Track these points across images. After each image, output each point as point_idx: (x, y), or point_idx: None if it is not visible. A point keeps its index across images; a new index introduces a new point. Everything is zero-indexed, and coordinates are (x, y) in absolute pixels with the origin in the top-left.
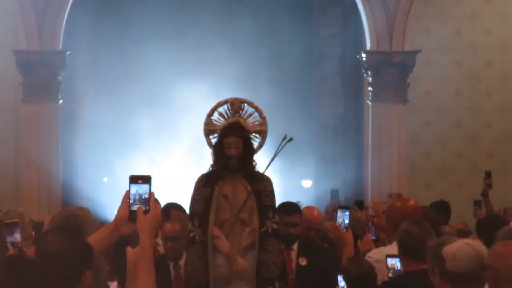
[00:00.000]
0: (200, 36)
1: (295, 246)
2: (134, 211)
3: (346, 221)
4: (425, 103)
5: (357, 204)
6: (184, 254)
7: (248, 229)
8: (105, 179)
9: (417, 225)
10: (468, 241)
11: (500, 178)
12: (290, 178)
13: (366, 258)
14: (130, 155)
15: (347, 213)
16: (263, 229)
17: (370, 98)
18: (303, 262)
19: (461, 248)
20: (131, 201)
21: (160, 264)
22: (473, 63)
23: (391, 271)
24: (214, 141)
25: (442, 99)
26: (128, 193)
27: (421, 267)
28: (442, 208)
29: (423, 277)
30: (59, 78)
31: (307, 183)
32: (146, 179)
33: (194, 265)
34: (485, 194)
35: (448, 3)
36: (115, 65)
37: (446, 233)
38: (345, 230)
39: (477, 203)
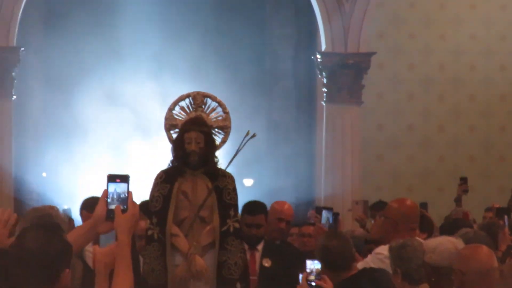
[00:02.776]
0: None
1: (260, 247)
2: (112, 210)
3: (331, 221)
4: (378, 105)
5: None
6: None
7: (208, 228)
8: (44, 174)
9: (334, 238)
10: (450, 238)
11: (451, 182)
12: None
13: (375, 255)
14: (81, 151)
15: (331, 213)
16: (224, 228)
17: (324, 99)
18: (267, 263)
19: (442, 243)
20: (109, 200)
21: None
22: (426, 66)
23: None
24: (175, 136)
25: (395, 102)
26: (106, 192)
27: (348, 274)
28: (380, 209)
29: (356, 282)
30: (13, 74)
31: (248, 182)
32: (124, 178)
33: (152, 264)
34: (459, 199)
35: (402, 7)
36: (68, 62)
37: None
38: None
39: (422, 205)
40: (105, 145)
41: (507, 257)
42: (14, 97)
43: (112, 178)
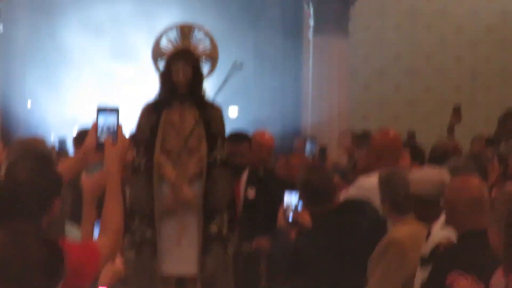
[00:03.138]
0: None
1: (244, 177)
2: (102, 142)
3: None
4: (364, 36)
5: (321, 152)
6: None
7: (195, 157)
8: (29, 104)
9: (314, 172)
10: (435, 169)
11: (437, 111)
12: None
13: (356, 186)
14: (67, 80)
15: (314, 144)
16: (211, 158)
17: (311, 31)
18: (251, 195)
19: (428, 174)
20: (98, 132)
21: None
22: None
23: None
24: (162, 67)
25: (381, 33)
26: (96, 124)
27: (329, 208)
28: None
29: (337, 214)
30: None
31: (234, 110)
32: (114, 111)
33: (139, 194)
34: (451, 129)
35: None
36: None
37: None
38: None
39: (410, 134)
40: (91, 74)
41: (496, 187)
42: (0, 27)
43: (102, 110)
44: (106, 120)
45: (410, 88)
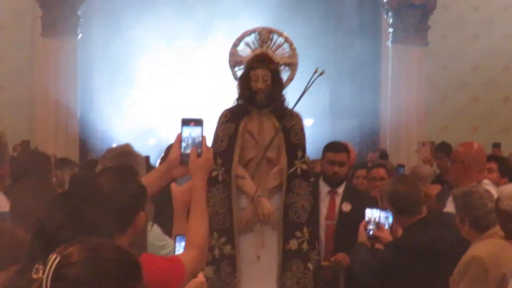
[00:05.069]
0: None
1: (340, 190)
2: (187, 154)
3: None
4: (443, 46)
5: (382, 156)
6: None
7: (275, 169)
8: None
9: (402, 183)
10: None
11: None
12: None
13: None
14: (144, 92)
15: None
16: (291, 170)
17: (390, 40)
18: (347, 208)
19: None
20: (183, 144)
21: None
22: (491, 8)
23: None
24: (240, 73)
25: (460, 43)
26: (180, 136)
27: (416, 218)
28: (445, 150)
29: (424, 226)
30: (78, 13)
31: (308, 122)
32: (198, 122)
33: (216, 206)
34: None
35: None
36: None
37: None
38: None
39: (496, 145)
40: (168, 83)
41: None
42: (80, 35)
43: (186, 122)
44: (190, 132)
45: (488, 100)
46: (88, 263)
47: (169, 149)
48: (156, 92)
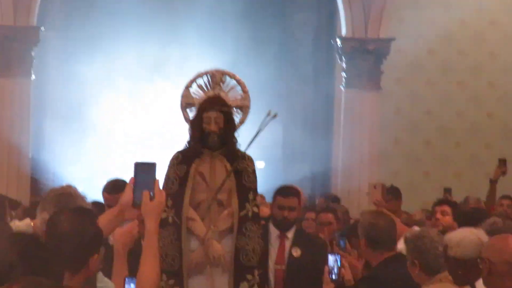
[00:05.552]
0: (177, 23)
1: (290, 235)
2: (139, 197)
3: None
4: (396, 90)
5: (333, 200)
6: None
7: (226, 212)
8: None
9: (381, 217)
10: (471, 229)
11: (469, 168)
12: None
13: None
14: (97, 132)
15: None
16: (242, 212)
17: (343, 84)
18: (297, 253)
19: (466, 236)
20: (135, 188)
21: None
22: (446, 53)
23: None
24: (191, 115)
25: (413, 87)
26: (133, 179)
27: (390, 254)
28: (394, 193)
29: (396, 262)
30: (33, 53)
31: (260, 164)
32: (151, 166)
33: (166, 248)
34: (494, 181)
35: None
36: (87, 42)
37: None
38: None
39: (447, 190)
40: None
41: None
42: (33, 77)
43: (139, 166)
44: (143, 176)
45: (441, 144)
46: None
47: (111, 182)
48: (110, 134)
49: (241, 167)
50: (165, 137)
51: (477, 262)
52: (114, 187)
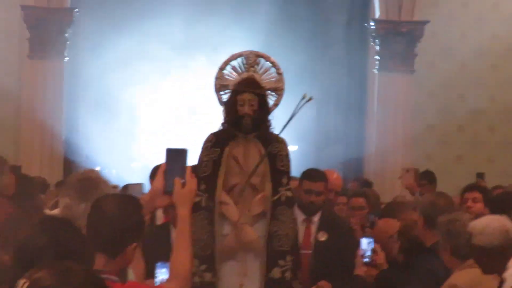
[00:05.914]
0: (212, 4)
1: (316, 219)
2: (171, 184)
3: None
4: (429, 74)
5: (365, 184)
6: None
7: (259, 196)
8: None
9: (441, 197)
10: (495, 216)
11: (502, 153)
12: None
13: None
14: (132, 117)
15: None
16: (276, 197)
17: (377, 67)
18: (323, 237)
19: (490, 223)
20: (167, 174)
21: (161, 231)
22: (479, 36)
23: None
24: (225, 97)
25: (446, 71)
26: (164, 166)
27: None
28: (428, 178)
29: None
30: (66, 35)
31: (293, 148)
32: (182, 152)
33: (198, 233)
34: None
35: None
36: (120, 23)
37: None
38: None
39: (479, 175)
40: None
41: None
42: (67, 58)
43: (170, 152)
44: (174, 161)
45: (474, 128)
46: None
47: (155, 169)
48: (142, 117)
49: (275, 151)
50: (198, 119)
51: (502, 249)
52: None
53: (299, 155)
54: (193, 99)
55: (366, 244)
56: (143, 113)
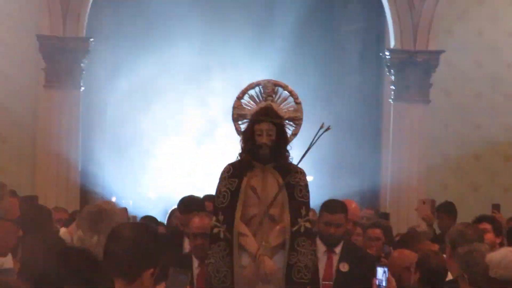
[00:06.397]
0: (228, 33)
1: (338, 249)
2: None
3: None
4: (445, 103)
5: (382, 216)
6: None
7: (278, 227)
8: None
9: (470, 228)
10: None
11: None
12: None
13: None
14: (148, 147)
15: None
16: (295, 228)
17: (392, 97)
18: (345, 268)
19: (506, 256)
20: None
21: (183, 261)
22: (494, 65)
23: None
24: (243, 127)
25: (462, 101)
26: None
27: None
28: (447, 209)
29: None
30: (82, 65)
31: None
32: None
33: (217, 264)
34: None
35: (470, 3)
36: (136, 52)
37: None
38: None
39: (495, 206)
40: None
41: None
42: (82, 88)
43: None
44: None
45: (490, 158)
46: None
47: (182, 202)
48: (158, 145)
49: (294, 181)
50: (216, 148)
51: None
52: (186, 207)
53: (315, 185)
54: (210, 128)
55: (381, 273)
56: (160, 142)
